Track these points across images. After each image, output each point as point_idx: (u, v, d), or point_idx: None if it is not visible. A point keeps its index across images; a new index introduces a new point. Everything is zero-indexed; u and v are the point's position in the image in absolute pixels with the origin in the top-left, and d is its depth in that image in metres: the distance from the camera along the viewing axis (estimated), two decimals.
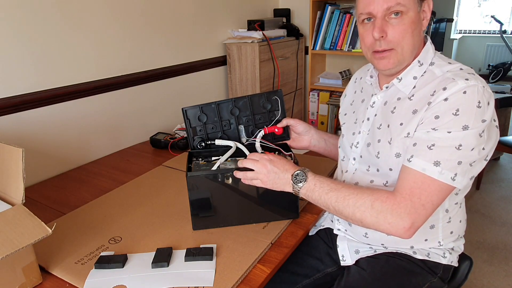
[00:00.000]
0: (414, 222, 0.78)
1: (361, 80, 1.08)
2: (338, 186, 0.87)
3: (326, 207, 0.87)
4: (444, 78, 0.83)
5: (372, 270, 0.96)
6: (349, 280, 0.97)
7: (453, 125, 0.78)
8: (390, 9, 0.83)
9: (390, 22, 0.84)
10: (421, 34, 0.88)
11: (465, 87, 0.78)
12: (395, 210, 0.79)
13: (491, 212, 2.45)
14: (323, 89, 2.63)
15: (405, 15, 0.83)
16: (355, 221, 0.84)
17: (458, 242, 0.99)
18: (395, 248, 0.97)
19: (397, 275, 0.94)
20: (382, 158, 0.91)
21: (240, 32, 2.25)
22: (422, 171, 0.79)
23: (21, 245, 0.75)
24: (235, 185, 0.98)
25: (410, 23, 0.84)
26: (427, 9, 0.87)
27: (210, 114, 1.12)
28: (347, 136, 1.04)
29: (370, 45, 0.89)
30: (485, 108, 0.78)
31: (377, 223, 0.80)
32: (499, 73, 5.01)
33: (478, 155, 0.79)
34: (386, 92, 0.94)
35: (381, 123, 0.93)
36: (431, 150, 0.79)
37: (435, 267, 0.96)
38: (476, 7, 5.90)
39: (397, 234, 0.80)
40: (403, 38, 0.85)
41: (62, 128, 1.47)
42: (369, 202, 0.81)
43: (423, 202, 0.79)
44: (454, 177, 0.78)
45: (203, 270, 0.85)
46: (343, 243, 1.04)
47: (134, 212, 1.11)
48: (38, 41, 1.35)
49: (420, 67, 0.89)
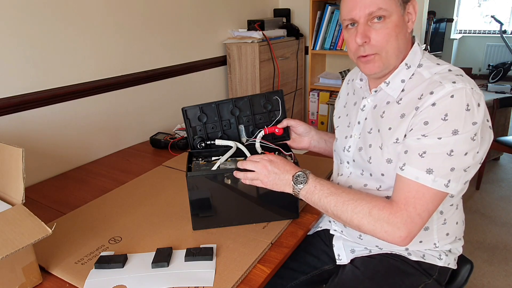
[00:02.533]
0: (410, 232, 0.79)
1: (353, 82, 1.07)
2: (338, 191, 0.86)
3: (325, 210, 0.87)
4: (431, 81, 0.82)
5: (365, 269, 0.97)
6: (343, 278, 0.98)
7: (443, 131, 0.77)
8: (372, 14, 0.82)
9: (373, 26, 0.83)
10: (406, 37, 0.87)
11: (452, 91, 0.77)
12: (392, 220, 0.79)
13: (491, 212, 2.45)
14: (323, 89, 2.64)
15: (388, 19, 0.82)
16: (353, 227, 0.85)
17: (455, 244, 0.98)
18: (389, 249, 0.98)
19: (390, 275, 0.94)
20: (374, 163, 0.90)
21: (240, 32, 2.25)
22: (415, 180, 0.79)
23: (21, 245, 0.75)
24: (235, 185, 0.98)
25: (393, 26, 0.83)
26: (412, 10, 0.86)
27: (210, 114, 1.12)
28: (340, 140, 1.04)
29: (355, 51, 0.88)
30: (474, 110, 0.76)
31: (374, 231, 0.81)
32: (499, 73, 5.00)
33: (472, 160, 0.78)
34: (376, 95, 0.93)
35: (372, 127, 0.93)
36: (422, 158, 0.78)
37: (430, 269, 0.96)
38: (476, 7, 5.90)
39: (393, 242, 0.80)
40: (387, 42, 0.84)
41: (62, 128, 1.47)
42: (367, 209, 0.81)
43: (418, 211, 0.78)
44: (448, 184, 0.78)
45: (203, 270, 0.85)
46: (338, 243, 1.05)
47: (134, 212, 1.11)
48: (38, 41, 1.35)
49: (408, 70, 0.87)
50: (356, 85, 1.02)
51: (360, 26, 0.84)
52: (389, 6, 0.81)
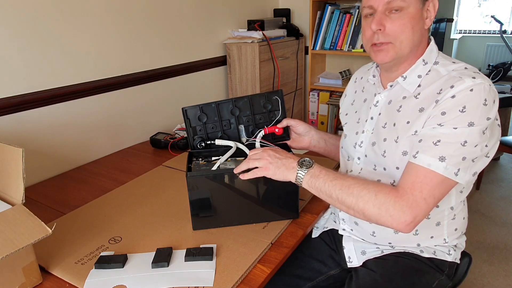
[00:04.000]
0: (416, 216, 0.79)
1: (362, 80, 1.08)
2: (344, 176, 0.87)
3: (329, 195, 0.86)
4: (450, 77, 0.84)
5: (382, 271, 0.96)
6: (360, 283, 0.97)
7: (459, 122, 0.78)
8: (390, 3, 0.84)
9: (390, 16, 0.85)
10: (422, 32, 0.88)
11: (472, 85, 0.79)
12: (397, 203, 0.79)
13: (491, 212, 2.45)
14: (323, 89, 2.63)
15: (405, 10, 0.84)
16: (357, 212, 0.84)
17: (461, 239, 1.00)
18: (402, 248, 0.98)
19: (408, 275, 0.94)
20: (389, 157, 0.90)
21: (240, 32, 2.25)
22: (427, 166, 0.80)
23: (21, 245, 0.75)
24: (235, 185, 0.98)
25: (409, 18, 0.84)
26: (432, 8, 0.87)
27: (210, 114, 1.12)
28: (349, 136, 1.04)
29: (369, 38, 0.90)
30: (490, 106, 0.80)
31: (379, 215, 0.81)
32: (499, 73, 5.00)
33: (480, 151, 0.80)
34: (391, 90, 0.94)
35: (386, 121, 0.93)
36: (436, 146, 0.80)
37: (442, 265, 0.96)
38: (476, 7, 5.89)
39: (397, 228, 0.80)
40: (402, 32, 0.85)
41: (62, 128, 1.47)
42: (373, 193, 0.82)
43: (424, 195, 0.79)
44: (457, 172, 0.79)
45: (203, 270, 0.85)
46: (349, 244, 1.04)
47: (134, 212, 1.11)
48: (38, 41, 1.35)
49: (425, 66, 0.89)
50: (368, 82, 1.03)
51: (377, 14, 0.86)
52: None
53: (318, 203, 1.14)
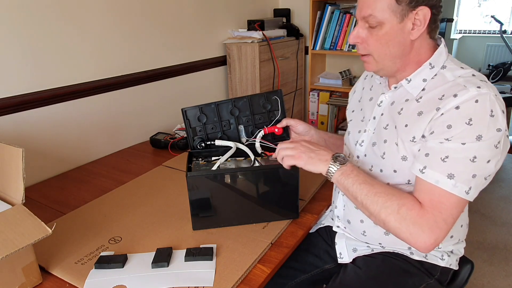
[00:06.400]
0: (436, 238, 0.77)
1: (372, 78, 1.06)
2: (373, 181, 0.86)
3: (354, 197, 0.86)
4: (455, 84, 0.81)
5: (367, 268, 0.97)
6: (344, 278, 0.98)
7: (466, 135, 0.75)
8: (364, 18, 0.84)
9: (368, 29, 0.85)
10: (405, 44, 0.84)
11: (476, 95, 0.76)
12: (418, 222, 0.78)
13: (491, 212, 2.45)
14: (323, 89, 2.63)
15: (379, 26, 0.82)
16: (379, 221, 0.83)
17: (458, 246, 0.99)
18: (392, 248, 0.98)
19: (393, 275, 0.94)
20: (388, 159, 0.90)
21: (240, 32, 2.25)
22: (435, 183, 0.78)
23: (21, 245, 0.75)
24: (235, 185, 0.98)
25: (383, 34, 0.83)
26: (421, 18, 0.81)
27: (210, 114, 1.12)
28: (352, 134, 1.04)
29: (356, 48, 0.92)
30: (499, 117, 0.76)
31: (400, 229, 0.79)
32: (499, 73, 5.00)
33: (494, 167, 0.77)
34: (395, 92, 0.93)
35: (388, 123, 0.92)
36: (444, 163, 0.77)
37: (432, 269, 0.96)
38: (476, 7, 5.89)
39: (416, 246, 0.79)
40: (376, 48, 0.85)
41: (62, 128, 1.47)
42: (396, 206, 0.80)
43: (444, 216, 0.77)
44: (469, 191, 0.76)
45: (203, 270, 0.85)
46: (341, 241, 1.05)
47: (134, 212, 1.11)
48: (38, 41, 1.35)
49: (431, 70, 0.86)
50: (375, 81, 1.02)
51: (357, 26, 0.87)
52: (382, 15, 0.81)
53: (318, 203, 1.14)
